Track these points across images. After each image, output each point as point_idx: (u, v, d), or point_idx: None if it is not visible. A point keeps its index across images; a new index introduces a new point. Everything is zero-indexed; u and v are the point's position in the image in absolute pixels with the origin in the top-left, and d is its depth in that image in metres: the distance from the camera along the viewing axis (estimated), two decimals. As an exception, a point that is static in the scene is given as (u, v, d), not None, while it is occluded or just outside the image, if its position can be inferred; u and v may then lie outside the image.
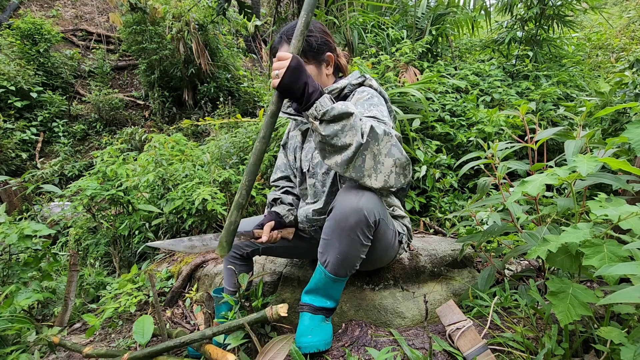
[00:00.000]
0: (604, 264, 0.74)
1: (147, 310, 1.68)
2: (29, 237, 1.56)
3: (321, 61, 1.13)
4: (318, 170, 1.17)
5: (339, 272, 1.03)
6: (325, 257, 1.03)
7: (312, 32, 1.10)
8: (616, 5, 6.77)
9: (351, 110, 0.88)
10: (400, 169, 0.94)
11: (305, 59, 1.09)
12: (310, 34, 1.10)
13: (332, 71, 1.18)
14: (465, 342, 0.98)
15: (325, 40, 1.12)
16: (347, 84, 1.14)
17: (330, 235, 1.01)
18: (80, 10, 8.60)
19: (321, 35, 1.12)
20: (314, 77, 1.09)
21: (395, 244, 1.15)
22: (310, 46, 1.09)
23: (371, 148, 0.89)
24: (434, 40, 3.55)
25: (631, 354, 0.70)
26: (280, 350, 0.96)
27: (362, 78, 1.15)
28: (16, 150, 5.39)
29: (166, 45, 5.91)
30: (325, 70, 1.15)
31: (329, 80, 1.18)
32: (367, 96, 1.08)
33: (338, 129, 0.88)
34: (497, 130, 2.39)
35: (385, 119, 1.01)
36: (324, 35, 1.13)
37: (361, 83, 1.15)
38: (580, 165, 0.84)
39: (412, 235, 1.29)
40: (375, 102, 1.07)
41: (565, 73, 3.14)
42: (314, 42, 1.09)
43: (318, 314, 1.08)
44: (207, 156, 2.63)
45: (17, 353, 1.29)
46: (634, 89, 2.10)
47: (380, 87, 1.17)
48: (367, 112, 1.01)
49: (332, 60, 1.15)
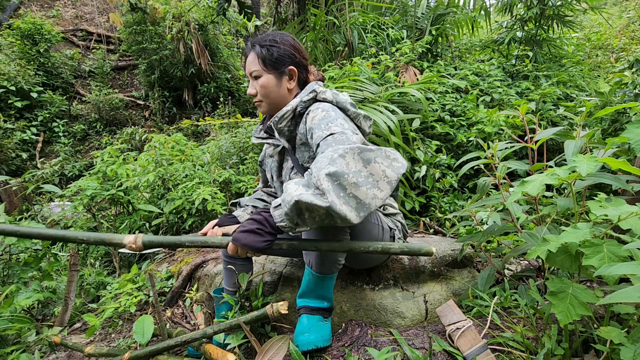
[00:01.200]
0: (603, 263, 0.74)
1: (147, 310, 1.68)
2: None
3: (282, 73, 1.12)
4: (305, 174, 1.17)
5: (324, 270, 1.05)
6: (309, 257, 1.06)
7: (276, 43, 1.11)
8: (616, 6, 6.77)
9: (295, 193, 0.82)
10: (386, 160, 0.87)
11: (264, 67, 1.11)
12: (274, 44, 1.11)
13: (296, 85, 1.16)
14: (465, 342, 0.99)
15: (290, 54, 1.12)
16: (298, 103, 1.12)
17: (307, 233, 1.03)
18: (80, 11, 8.61)
19: (285, 48, 1.12)
20: (271, 87, 1.11)
21: (385, 239, 1.16)
22: (271, 56, 1.10)
23: (344, 184, 0.81)
24: (433, 40, 3.55)
25: (631, 353, 0.70)
26: (279, 350, 0.96)
27: (314, 93, 1.12)
28: (16, 150, 5.39)
29: (166, 46, 5.92)
30: (287, 83, 1.14)
31: (291, 94, 1.16)
32: (321, 114, 1.04)
33: (309, 215, 0.84)
34: (497, 130, 2.39)
35: (346, 131, 0.96)
36: (289, 48, 1.13)
37: (314, 98, 1.12)
38: (580, 165, 0.84)
39: (407, 231, 1.29)
40: (331, 116, 1.02)
41: (565, 73, 3.14)
42: (275, 52, 1.10)
43: (315, 314, 1.08)
44: (207, 156, 2.63)
45: (18, 353, 1.29)
46: (633, 89, 2.10)
47: (336, 95, 1.13)
48: (326, 132, 0.97)
49: (296, 74, 1.14)
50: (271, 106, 1.15)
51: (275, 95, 1.13)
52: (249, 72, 1.13)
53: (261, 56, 1.10)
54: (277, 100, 1.14)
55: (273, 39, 1.12)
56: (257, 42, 1.12)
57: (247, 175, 2.54)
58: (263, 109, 1.17)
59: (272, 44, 1.11)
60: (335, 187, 0.80)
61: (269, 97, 1.13)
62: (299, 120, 1.13)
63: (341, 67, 3.04)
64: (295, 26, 3.83)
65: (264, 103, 1.15)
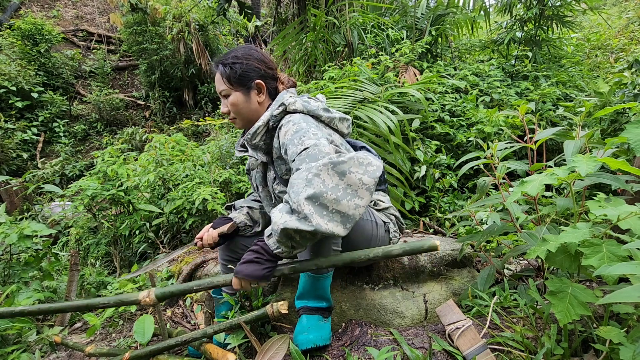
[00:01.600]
0: (603, 263, 0.74)
1: (147, 310, 1.69)
2: (29, 237, 1.57)
3: (249, 88, 1.12)
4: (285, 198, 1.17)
5: (318, 270, 1.06)
6: (302, 258, 1.06)
7: (238, 59, 1.11)
8: (615, 6, 6.78)
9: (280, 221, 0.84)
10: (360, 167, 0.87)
11: (230, 85, 1.11)
12: (236, 60, 1.11)
13: (267, 97, 1.16)
14: (465, 342, 0.99)
15: (254, 67, 1.12)
16: (269, 117, 1.11)
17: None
18: (81, 11, 8.62)
19: (249, 63, 1.11)
20: (241, 104, 1.11)
21: (380, 234, 1.16)
22: (234, 73, 1.10)
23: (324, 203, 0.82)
24: (433, 40, 3.55)
25: (630, 353, 0.70)
26: (279, 349, 0.96)
27: (283, 106, 1.10)
28: (17, 150, 5.39)
29: (167, 46, 5.92)
30: (256, 97, 1.14)
31: (263, 107, 1.16)
32: (293, 128, 1.02)
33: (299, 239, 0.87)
34: (496, 131, 2.40)
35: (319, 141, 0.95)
36: (253, 62, 1.12)
37: (284, 111, 1.11)
38: (580, 165, 0.84)
39: (402, 223, 1.29)
40: (302, 129, 1.01)
41: (564, 73, 3.14)
42: (238, 69, 1.10)
43: (314, 314, 1.09)
44: (207, 156, 2.63)
45: (18, 352, 1.30)
46: (633, 89, 2.11)
47: (306, 103, 1.11)
48: (300, 147, 0.97)
49: (263, 87, 1.14)
50: (245, 121, 1.16)
51: (247, 111, 1.14)
52: (218, 91, 1.15)
53: (225, 75, 1.11)
54: (249, 115, 1.14)
55: (235, 56, 1.12)
56: (220, 61, 1.13)
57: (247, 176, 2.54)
58: (239, 125, 1.19)
59: (235, 61, 1.11)
60: (316, 209, 0.83)
61: (241, 114, 1.14)
62: (273, 133, 1.13)
63: (341, 67, 3.05)
64: (295, 26, 3.83)
65: (237, 120, 1.16)
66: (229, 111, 1.15)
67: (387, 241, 1.20)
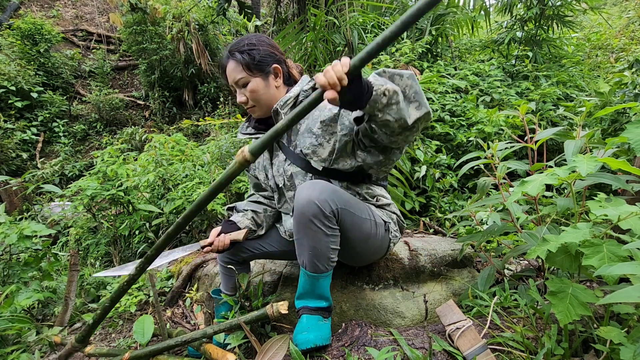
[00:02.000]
0: (603, 263, 0.74)
1: (147, 310, 1.69)
2: (28, 237, 1.57)
3: (267, 73, 1.13)
4: (295, 181, 1.16)
5: (317, 269, 1.05)
6: (302, 258, 1.06)
7: (254, 45, 1.11)
8: (616, 6, 6.77)
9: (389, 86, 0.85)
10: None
11: (249, 72, 1.10)
12: (252, 47, 1.11)
13: (283, 82, 1.17)
14: (465, 342, 0.99)
15: (270, 52, 1.13)
16: (299, 91, 1.13)
17: (297, 234, 1.03)
18: (80, 11, 8.61)
19: (264, 48, 1.12)
20: (261, 89, 1.12)
21: (379, 234, 1.15)
22: (253, 59, 1.10)
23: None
24: (433, 40, 3.55)
25: (631, 353, 0.70)
26: (279, 349, 0.96)
27: (313, 81, 1.14)
28: (16, 150, 5.39)
29: (166, 46, 5.92)
30: (274, 82, 1.15)
31: (280, 92, 1.17)
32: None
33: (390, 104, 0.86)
34: (497, 130, 2.39)
35: None
36: (268, 47, 1.13)
37: (314, 87, 1.13)
38: (580, 165, 0.84)
39: (403, 222, 1.28)
40: None
41: (564, 73, 3.14)
42: (256, 55, 1.10)
43: (314, 314, 1.08)
44: (207, 156, 2.63)
45: (18, 353, 1.29)
46: (633, 89, 2.10)
47: None
48: (325, 112, 1.05)
49: (280, 71, 1.15)
50: (265, 108, 1.15)
51: (267, 96, 1.13)
52: (234, 81, 1.12)
53: (244, 62, 1.09)
54: (269, 101, 1.14)
55: (250, 43, 1.11)
56: (235, 50, 1.11)
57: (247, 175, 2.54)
58: (257, 114, 1.17)
59: (251, 48, 1.10)
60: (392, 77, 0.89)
61: (260, 101, 1.13)
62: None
63: (341, 67, 3.04)
64: (295, 26, 3.83)
65: (256, 108, 1.15)
66: (247, 100, 1.13)
67: (387, 241, 1.19)
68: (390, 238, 1.20)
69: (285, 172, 1.18)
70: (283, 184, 1.20)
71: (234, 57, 1.11)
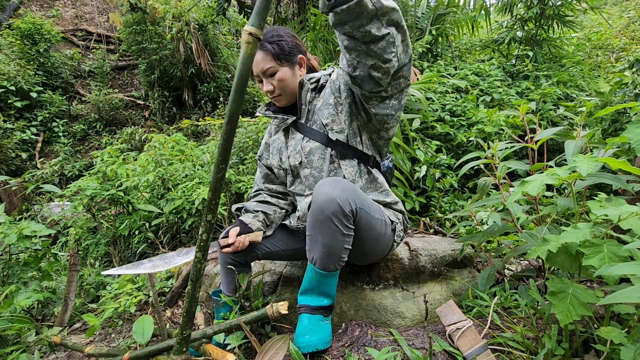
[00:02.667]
0: (604, 264, 0.74)
1: (147, 310, 1.68)
2: (28, 237, 1.56)
3: (294, 63, 1.19)
4: (312, 158, 1.19)
5: (327, 267, 1.04)
6: (312, 254, 1.05)
7: (282, 37, 1.16)
8: (616, 5, 6.77)
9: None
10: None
11: (279, 62, 1.15)
12: (281, 38, 1.16)
13: (306, 72, 1.24)
14: (465, 342, 0.98)
15: (296, 44, 1.20)
16: (322, 75, 1.23)
17: (312, 230, 1.02)
18: (80, 10, 8.60)
19: (291, 40, 1.19)
20: (289, 79, 1.17)
21: (387, 233, 1.15)
22: (282, 50, 1.15)
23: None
24: (434, 40, 3.55)
25: (631, 354, 0.70)
26: (279, 350, 0.96)
27: (333, 69, 1.26)
28: (16, 150, 5.39)
29: (166, 45, 5.91)
30: (299, 71, 1.22)
31: None
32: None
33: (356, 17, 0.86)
34: (497, 130, 2.39)
35: None
36: (293, 39, 1.20)
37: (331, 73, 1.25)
38: (581, 165, 0.84)
39: (407, 222, 1.28)
40: None
41: (565, 73, 3.14)
42: (285, 46, 1.16)
43: (316, 313, 1.08)
44: (207, 156, 2.63)
45: (17, 353, 1.29)
46: (633, 89, 2.10)
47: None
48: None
49: (304, 62, 1.23)
50: (290, 97, 1.21)
51: (293, 85, 1.19)
52: (261, 70, 1.16)
53: (274, 52, 1.14)
54: (294, 89, 1.21)
55: (278, 34, 1.16)
56: (265, 40, 1.15)
57: (247, 176, 2.54)
58: (283, 102, 1.23)
59: (280, 39, 1.15)
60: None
61: (287, 89, 1.19)
62: (317, 93, 1.23)
63: (341, 67, 3.04)
64: (295, 26, 3.82)
65: (282, 96, 1.20)
66: (274, 89, 1.18)
67: (391, 241, 1.19)
68: (394, 238, 1.20)
69: (303, 149, 1.20)
70: (300, 162, 1.22)
71: (264, 47, 1.14)
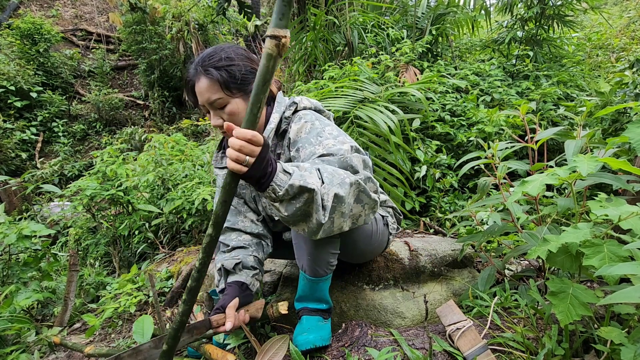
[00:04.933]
0: (604, 264, 0.74)
1: (147, 310, 1.68)
2: (28, 237, 1.56)
3: (248, 92, 0.97)
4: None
5: (317, 273, 1.03)
6: (301, 261, 1.04)
7: (234, 60, 0.96)
8: (616, 5, 6.77)
9: (311, 185, 0.75)
10: (369, 209, 0.87)
11: (229, 92, 0.95)
12: (231, 62, 0.95)
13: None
14: (466, 342, 0.98)
15: (251, 69, 0.98)
16: (280, 118, 1.03)
17: (296, 238, 1.01)
18: (80, 10, 8.60)
19: (245, 63, 0.97)
20: (242, 112, 0.97)
21: (379, 229, 1.14)
22: (234, 78, 0.94)
23: (338, 210, 0.80)
24: (434, 40, 3.54)
25: (631, 354, 0.70)
26: (279, 350, 0.96)
27: (294, 105, 1.04)
28: (16, 150, 5.39)
29: (166, 45, 5.91)
30: None
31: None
32: (308, 127, 0.96)
33: (299, 206, 0.77)
34: (497, 130, 2.39)
35: (341, 141, 0.91)
36: (248, 62, 0.98)
37: (295, 110, 1.04)
38: (581, 165, 0.84)
39: (399, 214, 1.26)
40: (317, 127, 0.96)
41: (565, 73, 3.14)
42: (237, 72, 0.95)
43: (314, 315, 1.08)
44: (207, 156, 2.63)
45: (17, 353, 1.29)
46: (634, 88, 2.10)
47: (312, 101, 1.07)
48: (319, 148, 0.90)
49: None
50: None
51: None
52: (207, 101, 0.96)
53: (222, 81, 0.93)
54: None
55: (227, 56, 0.95)
56: (210, 65, 0.94)
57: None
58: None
59: (230, 63, 0.95)
60: (332, 208, 0.79)
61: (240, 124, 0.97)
62: (281, 138, 1.04)
63: (341, 67, 3.04)
64: (295, 26, 3.82)
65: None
66: (223, 123, 0.97)
67: (386, 235, 1.20)
68: (389, 231, 1.20)
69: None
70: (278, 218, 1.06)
71: (209, 74, 0.93)
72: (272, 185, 0.73)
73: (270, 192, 0.74)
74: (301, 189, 0.75)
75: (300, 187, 0.74)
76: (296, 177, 0.75)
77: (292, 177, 0.75)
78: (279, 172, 0.74)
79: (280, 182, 0.74)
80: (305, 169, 0.78)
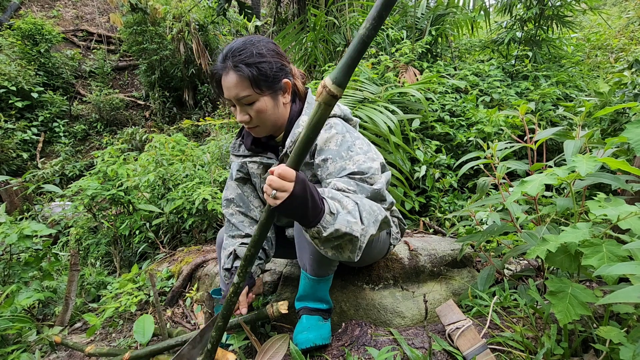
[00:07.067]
0: (603, 263, 0.74)
1: (147, 310, 1.69)
2: (29, 237, 1.57)
3: (277, 90, 0.96)
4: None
5: (319, 273, 1.04)
6: (303, 260, 1.05)
7: (265, 56, 0.92)
8: (615, 6, 6.77)
9: (355, 233, 0.78)
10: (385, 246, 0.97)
11: (259, 90, 0.92)
12: (263, 59, 0.91)
13: (290, 97, 1.01)
14: (465, 342, 0.99)
15: (281, 65, 0.95)
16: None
17: (298, 237, 1.02)
18: (81, 11, 8.61)
19: (275, 60, 0.94)
20: (270, 109, 0.95)
21: (381, 237, 1.14)
22: (265, 76, 0.91)
23: (365, 242, 0.83)
24: (433, 40, 3.55)
25: (630, 353, 0.70)
26: (279, 349, 0.96)
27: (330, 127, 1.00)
28: (17, 150, 5.39)
29: (167, 46, 5.92)
30: (282, 99, 0.99)
31: (286, 110, 1.01)
32: (339, 139, 0.94)
33: (336, 244, 0.81)
34: (496, 130, 2.39)
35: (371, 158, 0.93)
36: (278, 58, 0.95)
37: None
38: (580, 165, 0.84)
39: (404, 224, 1.26)
40: (348, 141, 0.94)
41: (564, 73, 3.14)
42: (268, 69, 0.92)
43: (314, 314, 1.08)
44: (207, 156, 2.64)
45: (18, 352, 1.30)
46: (633, 89, 2.10)
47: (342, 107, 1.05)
48: (350, 164, 0.90)
49: (289, 86, 0.99)
50: (270, 128, 1.00)
51: (274, 116, 0.98)
52: (235, 97, 0.93)
53: (252, 78, 0.90)
54: (276, 120, 1.00)
55: (259, 53, 0.91)
56: (240, 60, 0.90)
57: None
58: (260, 134, 1.02)
59: (260, 60, 0.91)
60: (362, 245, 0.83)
61: (267, 121, 0.97)
62: None
63: (341, 67, 3.04)
64: (295, 26, 3.83)
65: (261, 127, 0.99)
66: (250, 119, 0.96)
67: (387, 244, 1.20)
68: (390, 241, 1.20)
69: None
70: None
71: (239, 70, 0.90)
72: (319, 227, 0.75)
73: (314, 232, 0.76)
74: (346, 235, 0.77)
75: (345, 233, 0.77)
76: (342, 222, 0.76)
77: (337, 221, 0.76)
78: (326, 213, 0.75)
79: (326, 224, 0.75)
80: (345, 205, 0.79)
